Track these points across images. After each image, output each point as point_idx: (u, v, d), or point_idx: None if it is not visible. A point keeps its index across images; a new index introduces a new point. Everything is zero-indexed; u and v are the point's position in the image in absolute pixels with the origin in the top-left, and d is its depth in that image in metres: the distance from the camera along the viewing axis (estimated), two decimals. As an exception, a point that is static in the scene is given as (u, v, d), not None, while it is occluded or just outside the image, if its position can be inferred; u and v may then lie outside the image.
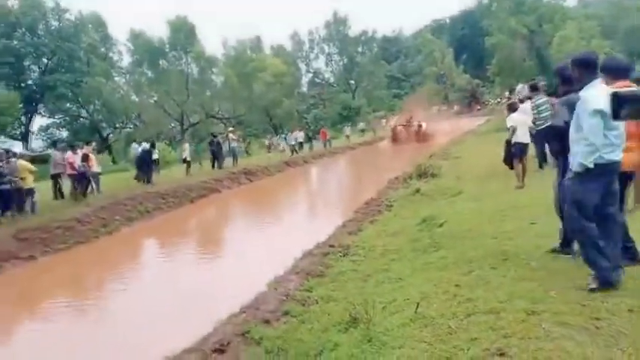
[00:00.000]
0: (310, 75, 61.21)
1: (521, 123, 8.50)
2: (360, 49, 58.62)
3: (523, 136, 8.52)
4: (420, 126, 31.50)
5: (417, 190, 10.11)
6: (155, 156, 19.94)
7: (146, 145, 18.13)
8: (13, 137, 33.34)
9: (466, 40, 68.05)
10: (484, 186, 9.18)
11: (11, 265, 8.69)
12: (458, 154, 16.65)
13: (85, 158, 13.32)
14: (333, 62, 59.36)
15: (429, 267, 5.06)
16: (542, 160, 9.43)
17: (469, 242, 5.47)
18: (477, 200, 7.74)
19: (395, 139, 32.37)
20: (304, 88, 59.84)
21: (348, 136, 38.33)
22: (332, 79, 61.08)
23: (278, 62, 45.10)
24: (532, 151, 9.35)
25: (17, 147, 33.49)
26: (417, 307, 3.80)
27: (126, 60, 39.55)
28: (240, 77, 38.72)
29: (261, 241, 9.87)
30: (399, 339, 3.41)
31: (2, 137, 32.48)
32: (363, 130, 42.72)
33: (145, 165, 16.51)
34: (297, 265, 6.58)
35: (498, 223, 6.03)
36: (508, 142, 8.69)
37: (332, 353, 3.67)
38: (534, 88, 8.65)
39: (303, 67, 59.12)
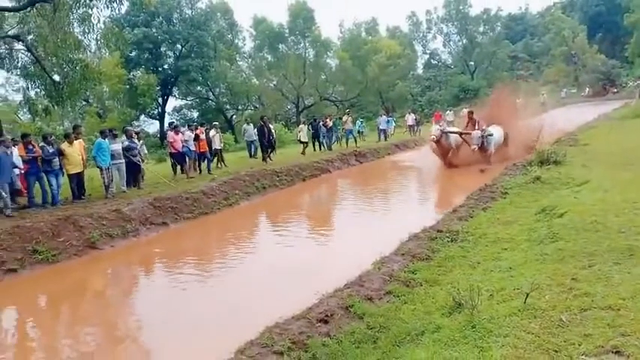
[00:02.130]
0: (426, 56, 59.36)
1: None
2: (481, 29, 55.47)
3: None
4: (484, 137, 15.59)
5: (537, 178, 9.47)
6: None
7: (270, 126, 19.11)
8: (152, 117, 37.02)
9: (601, 17, 61.09)
10: (615, 176, 8.33)
11: (146, 230, 9.81)
12: (587, 140, 15.19)
13: (196, 138, 14.61)
14: (451, 43, 56.89)
15: (544, 258, 4.79)
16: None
17: (591, 235, 5.06)
18: (605, 191, 7.07)
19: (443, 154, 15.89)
20: (419, 70, 58.31)
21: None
22: (449, 61, 58.65)
23: (393, 44, 44.40)
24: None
25: (155, 126, 37.30)
26: (527, 297, 3.65)
27: (248, 45, 41.70)
28: (354, 60, 38.83)
29: (368, 221, 9.99)
30: (504, 328, 3.32)
31: (142, 116, 36.24)
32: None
33: (263, 144, 17.42)
34: (402, 247, 6.59)
35: (628, 217, 5.48)
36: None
37: (433, 335, 3.68)
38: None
39: (419, 48, 57.48)
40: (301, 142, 20.30)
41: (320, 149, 20.64)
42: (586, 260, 4.32)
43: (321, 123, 20.99)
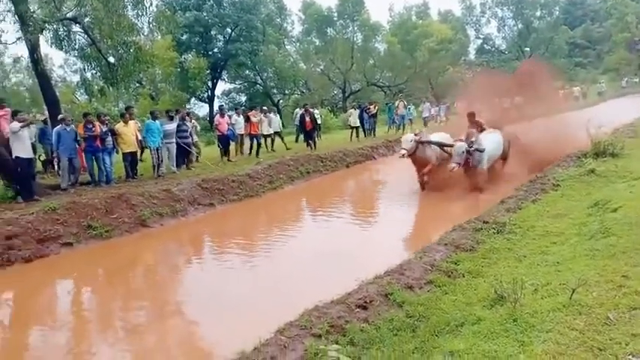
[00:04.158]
0: (479, 41, 57.50)
1: None
2: (538, 13, 53.11)
3: None
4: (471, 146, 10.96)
5: (592, 171, 9.06)
6: (318, 121, 20.99)
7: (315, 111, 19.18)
8: (202, 100, 37.83)
9: (669, 2, 57.02)
10: (679, 170, 7.88)
11: (194, 210, 10.12)
12: (648, 132, 14.38)
13: (247, 120, 15.10)
14: (506, 27, 54.83)
15: (594, 254, 4.62)
16: None
17: (648, 231, 4.82)
18: (667, 186, 6.70)
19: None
20: (471, 56, 56.58)
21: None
22: (503, 46, 56.56)
23: (444, 28, 43.16)
24: None
25: (204, 109, 38.09)
26: (573, 293, 3.54)
27: (297, 29, 41.69)
28: (403, 45, 38.10)
29: (410, 209, 9.90)
30: (547, 323, 3.25)
31: (193, 99, 37.08)
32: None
33: (304, 132, 17.44)
34: (446, 237, 6.50)
35: (690, 214, 5.18)
36: None
37: (474, 327, 3.64)
38: None
39: (471, 33, 55.70)
40: (351, 128, 20.24)
41: (364, 135, 20.52)
42: (638, 257, 4.13)
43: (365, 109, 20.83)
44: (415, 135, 10.71)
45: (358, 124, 20.13)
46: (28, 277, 7.00)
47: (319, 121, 21.01)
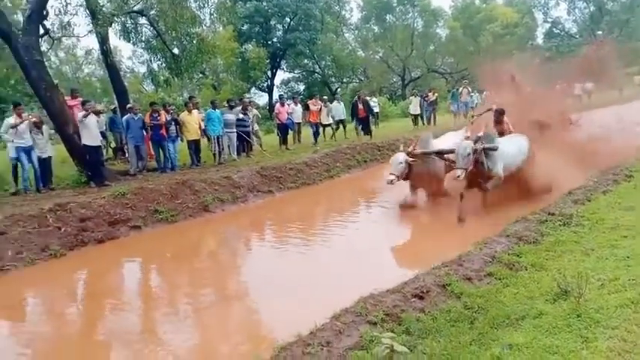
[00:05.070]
0: (547, 25, 54.54)
1: None
2: (613, -6, 49.70)
3: None
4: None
5: (670, 161, 8.47)
6: (375, 109, 20.79)
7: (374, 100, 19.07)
8: (261, 89, 38.48)
9: None
10: None
11: (253, 196, 10.40)
12: None
13: (306, 108, 15.27)
14: (576, 10, 51.63)
15: (671, 249, 4.33)
16: None
17: None
18: None
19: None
20: (539, 40, 53.82)
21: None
22: (574, 30, 53.33)
23: (510, 12, 41.29)
24: None
25: (264, 99, 38.71)
26: (645, 290, 3.35)
27: (355, 16, 41.36)
28: (465, 30, 36.92)
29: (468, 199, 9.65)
30: (613, 319, 3.10)
31: (253, 89, 37.80)
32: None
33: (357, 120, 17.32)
34: (508, 228, 6.29)
35: None
36: None
37: (535, 321, 3.53)
38: None
39: (539, 16, 52.90)
40: (412, 116, 19.91)
41: (423, 123, 20.13)
42: None
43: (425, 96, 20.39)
44: (409, 152, 8.31)
45: (419, 111, 19.77)
46: (100, 258, 7.47)
47: (376, 110, 20.82)
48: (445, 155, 8.14)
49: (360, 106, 16.26)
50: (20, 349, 4.83)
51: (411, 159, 8.13)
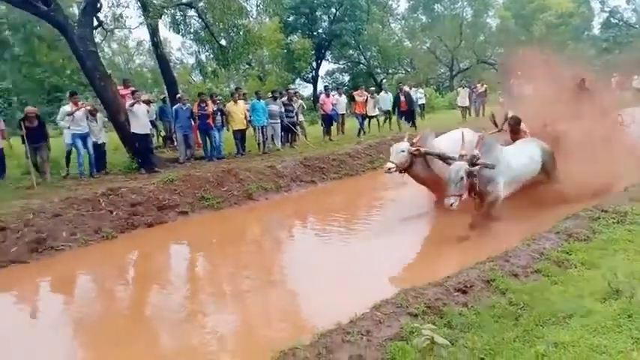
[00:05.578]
0: (605, 15, 51.88)
1: None
2: (679, -21, 46.64)
3: None
4: None
5: None
6: (422, 101, 20.48)
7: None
8: (306, 80, 38.59)
9: None
10: None
11: (296, 186, 10.53)
12: None
13: (352, 99, 15.35)
14: (636, -1, 48.97)
15: None
16: None
17: None
18: None
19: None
20: (595, 30, 51.30)
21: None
22: (633, 19, 50.47)
23: (565, 1, 39.58)
24: None
25: (308, 90, 38.85)
26: None
27: (402, 6, 40.70)
28: (517, 19, 35.67)
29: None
30: (669, 322, 2.94)
31: (298, 80, 37.97)
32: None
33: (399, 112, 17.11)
34: (558, 225, 6.07)
35: None
36: None
37: (583, 319, 3.42)
38: None
39: (596, 5, 50.37)
40: (460, 107, 19.51)
41: (473, 115, 19.66)
42: None
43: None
44: (413, 142, 7.47)
45: (467, 103, 19.32)
46: (149, 241, 7.77)
47: (422, 101, 20.50)
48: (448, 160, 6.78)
49: (402, 99, 16.06)
50: (73, 323, 5.11)
51: (414, 149, 7.35)
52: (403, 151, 7.39)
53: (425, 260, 6.13)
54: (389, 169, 7.39)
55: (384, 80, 39.47)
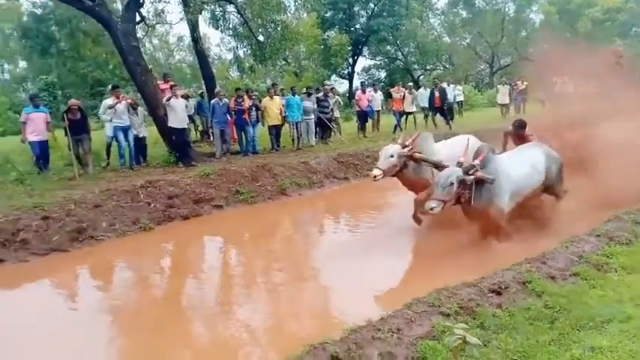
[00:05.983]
0: (654, 10, 49.54)
1: None
2: None
3: None
4: None
5: None
6: (460, 98, 20.12)
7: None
8: (342, 76, 38.48)
9: None
10: None
11: (329, 182, 10.57)
12: None
13: (390, 96, 15.35)
14: (692, -9, 46.49)
15: None
16: None
17: None
18: None
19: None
20: (644, 26, 49.04)
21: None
22: (685, 14, 48.07)
23: (613, -6, 38.09)
24: None
25: (344, 86, 38.73)
26: None
27: (442, 1, 40.10)
28: (562, 14, 34.48)
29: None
30: None
31: (334, 76, 37.90)
32: None
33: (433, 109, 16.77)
34: (599, 228, 5.87)
35: None
36: None
37: (622, 325, 3.32)
38: None
39: (645, 0, 48.24)
40: (500, 105, 19.09)
41: (511, 112, 19.17)
42: None
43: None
44: (405, 145, 6.75)
45: (507, 101, 18.85)
46: (184, 233, 7.96)
47: (460, 98, 20.14)
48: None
49: (437, 94, 15.78)
50: (110, 310, 5.28)
51: (406, 151, 6.62)
52: (392, 156, 6.63)
53: (460, 259, 6.01)
54: (375, 176, 6.54)
55: (422, 77, 38.95)
